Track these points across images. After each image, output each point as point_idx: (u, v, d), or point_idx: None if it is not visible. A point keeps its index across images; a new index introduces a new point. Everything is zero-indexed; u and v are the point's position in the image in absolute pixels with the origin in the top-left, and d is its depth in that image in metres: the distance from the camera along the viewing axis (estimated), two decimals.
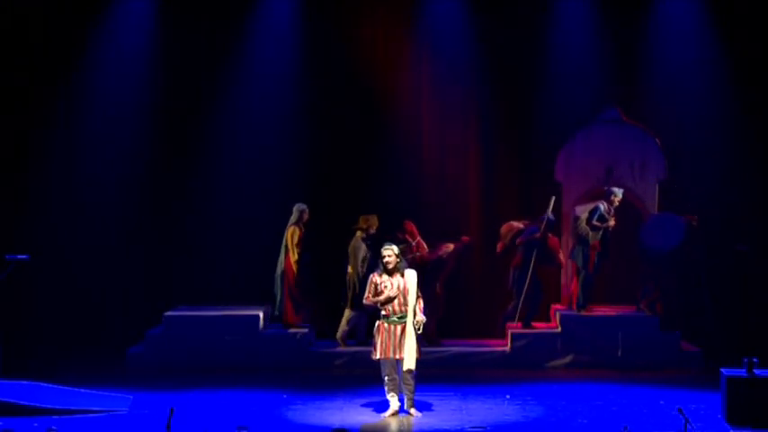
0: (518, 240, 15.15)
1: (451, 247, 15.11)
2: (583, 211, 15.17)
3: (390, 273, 11.51)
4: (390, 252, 11.53)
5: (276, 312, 15.03)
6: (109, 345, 15.29)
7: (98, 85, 16.14)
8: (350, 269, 14.88)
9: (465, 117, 16.51)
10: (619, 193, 15.09)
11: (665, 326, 14.85)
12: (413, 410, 11.61)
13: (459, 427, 11.08)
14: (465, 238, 15.37)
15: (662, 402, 12.27)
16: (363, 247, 14.86)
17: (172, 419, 9.20)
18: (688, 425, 9.61)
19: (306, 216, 14.88)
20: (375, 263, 14.62)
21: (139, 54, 16.24)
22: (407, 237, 15.02)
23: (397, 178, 16.32)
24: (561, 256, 15.34)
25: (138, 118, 16.22)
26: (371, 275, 11.65)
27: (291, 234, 14.80)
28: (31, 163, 15.70)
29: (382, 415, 11.61)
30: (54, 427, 10.41)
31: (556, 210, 15.77)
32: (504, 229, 15.40)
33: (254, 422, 11.19)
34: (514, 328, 15.03)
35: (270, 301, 15.27)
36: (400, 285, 11.48)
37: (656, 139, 15.87)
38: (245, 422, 10.87)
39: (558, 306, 15.65)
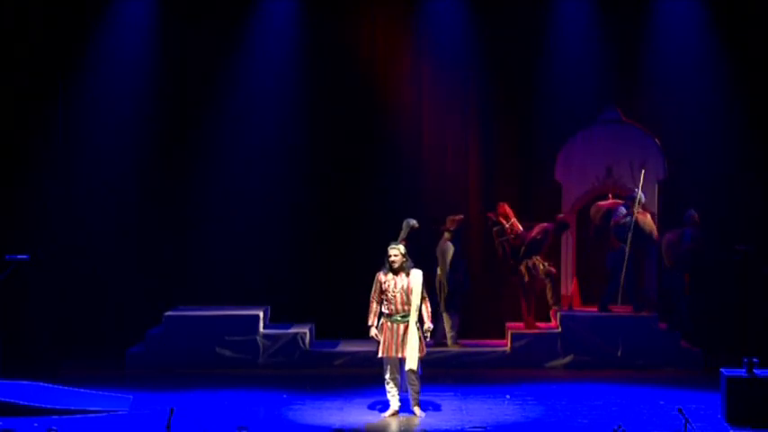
0: (612, 222, 15.12)
1: (546, 227, 15.14)
2: (676, 239, 15.25)
3: (396, 272, 11.54)
4: (396, 252, 11.57)
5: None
6: (109, 345, 15.29)
7: (98, 86, 16.12)
8: (439, 271, 14.89)
9: (465, 117, 16.50)
10: (694, 211, 15.19)
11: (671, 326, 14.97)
12: (417, 410, 11.61)
13: (459, 427, 11.08)
14: (559, 216, 15.40)
15: (662, 402, 12.27)
16: (452, 248, 14.89)
17: (172, 419, 9.21)
18: (688, 425, 9.61)
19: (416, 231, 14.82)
20: (459, 262, 14.75)
21: (139, 54, 16.22)
22: (501, 219, 15.10)
23: (396, 178, 16.32)
24: (656, 233, 15.29)
25: (138, 118, 16.20)
26: (378, 274, 11.68)
27: None
28: (31, 163, 15.69)
29: (382, 415, 11.61)
30: (54, 428, 10.41)
31: (556, 211, 15.80)
32: (592, 210, 15.47)
33: (254, 422, 11.20)
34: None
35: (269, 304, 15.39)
36: (404, 285, 11.50)
37: (656, 139, 15.88)
38: (245, 422, 10.88)
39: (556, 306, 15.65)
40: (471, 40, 16.32)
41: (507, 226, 15.16)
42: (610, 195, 15.79)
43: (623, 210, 15.17)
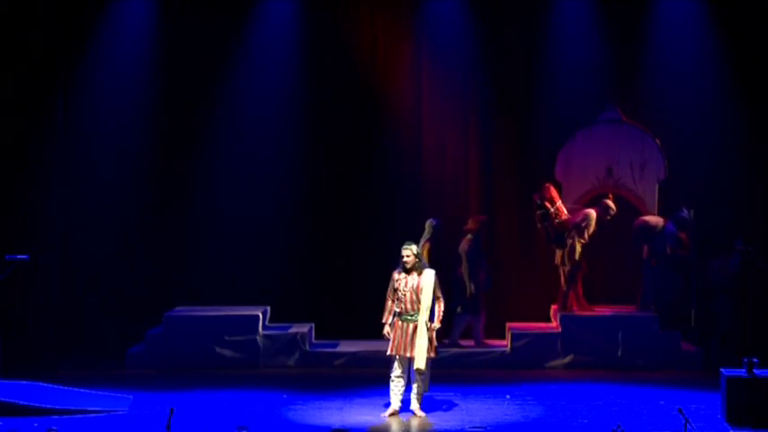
0: (669, 249, 15.11)
1: (592, 212, 15.12)
2: (720, 265, 15.29)
3: (408, 271, 11.60)
4: (409, 252, 11.61)
5: None
6: (109, 345, 15.28)
7: (98, 85, 16.12)
8: (463, 272, 14.90)
9: (465, 117, 16.50)
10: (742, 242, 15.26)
11: (663, 326, 14.91)
12: (418, 411, 11.61)
13: (459, 427, 11.08)
14: (605, 201, 15.37)
15: (662, 402, 12.28)
16: (469, 249, 14.89)
17: (172, 419, 9.21)
18: (688, 425, 9.61)
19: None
20: (480, 263, 14.74)
21: (139, 53, 16.22)
22: (546, 203, 15.08)
23: (395, 178, 16.32)
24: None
25: (139, 117, 16.21)
26: (393, 272, 11.72)
27: (427, 251, 14.63)
28: (31, 162, 15.69)
29: (382, 415, 11.61)
30: (54, 428, 10.42)
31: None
32: (636, 225, 15.40)
33: (254, 422, 11.20)
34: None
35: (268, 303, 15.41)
36: (414, 284, 11.53)
37: (656, 139, 15.88)
38: (245, 422, 10.88)
39: (556, 306, 15.64)
40: (471, 40, 16.32)
41: (552, 210, 15.14)
42: (610, 195, 15.77)
43: (672, 228, 15.13)
